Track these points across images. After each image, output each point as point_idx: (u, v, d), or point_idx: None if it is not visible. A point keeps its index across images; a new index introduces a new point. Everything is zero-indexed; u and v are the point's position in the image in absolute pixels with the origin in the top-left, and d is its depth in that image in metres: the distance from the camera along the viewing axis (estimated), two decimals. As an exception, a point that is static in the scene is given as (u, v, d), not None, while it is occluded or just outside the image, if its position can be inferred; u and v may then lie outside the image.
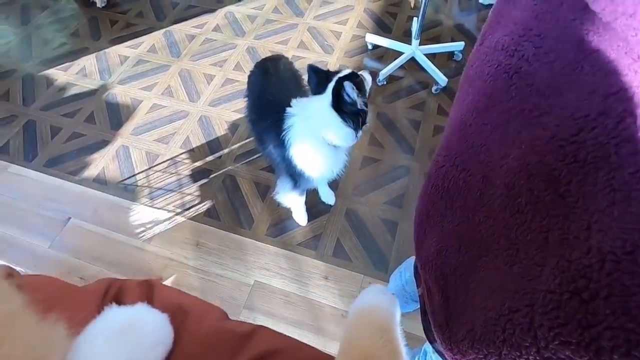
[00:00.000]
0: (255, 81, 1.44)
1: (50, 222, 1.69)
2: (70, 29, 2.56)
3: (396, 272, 1.14)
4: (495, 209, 0.36)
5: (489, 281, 0.36)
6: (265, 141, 1.35)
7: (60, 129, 2.02)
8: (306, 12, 2.58)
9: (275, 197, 1.61)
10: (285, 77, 1.42)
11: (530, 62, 0.35)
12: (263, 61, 1.51)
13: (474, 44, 1.80)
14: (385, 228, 1.63)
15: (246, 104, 1.50)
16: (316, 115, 1.18)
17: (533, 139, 0.32)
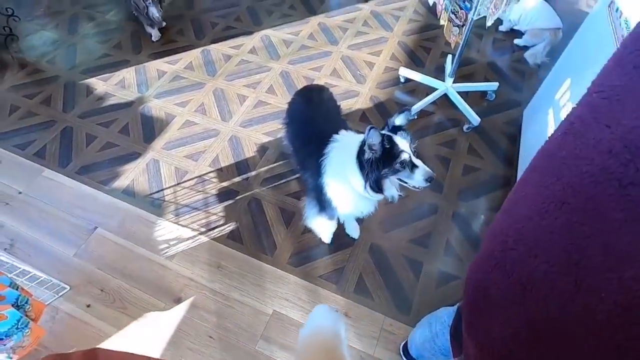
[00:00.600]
0: (299, 109, 1.48)
1: (77, 230, 1.71)
2: (113, 41, 2.66)
3: (424, 322, 1.10)
4: (599, 323, 0.34)
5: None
6: (305, 166, 1.39)
7: (95, 137, 2.08)
8: (340, 41, 2.63)
9: (304, 222, 1.62)
10: (329, 107, 1.47)
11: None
12: (306, 90, 1.56)
13: (507, 85, 1.83)
14: (409, 267, 1.60)
15: (286, 129, 1.54)
16: (349, 152, 1.19)
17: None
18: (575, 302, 0.37)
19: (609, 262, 0.34)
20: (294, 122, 1.50)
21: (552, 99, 1.64)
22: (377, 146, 1.08)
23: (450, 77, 2.10)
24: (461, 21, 1.54)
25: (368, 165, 1.12)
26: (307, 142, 1.37)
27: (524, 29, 2.49)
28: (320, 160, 1.25)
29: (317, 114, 1.43)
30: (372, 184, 1.15)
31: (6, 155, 2.00)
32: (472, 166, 1.94)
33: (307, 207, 1.51)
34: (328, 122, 1.40)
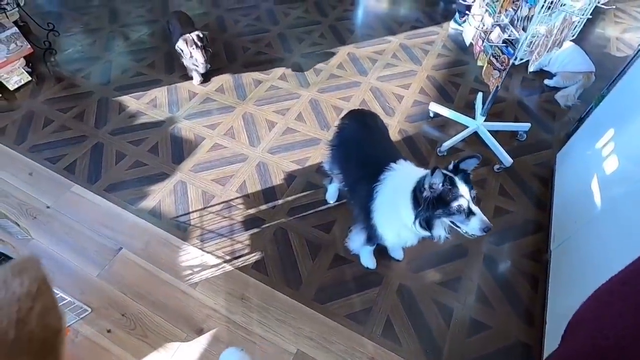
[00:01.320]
0: (353, 131, 1.49)
1: (102, 249, 1.70)
2: (147, 60, 2.73)
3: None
4: None
5: None
6: (356, 189, 1.39)
7: (124, 155, 2.10)
8: (370, 72, 2.65)
9: (346, 244, 1.64)
10: (383, 134, 1.50)
11: None
12: (359, 114, 1.59)
13: (538, 125, 1.80)
14: (439, 312, 1.54)
15: (334, 151, 1.56)
16: (405, 183, 1.17)
17: None
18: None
19: None
20: (346, 144, 1.51)
21: (591, 146, 1.60)
22: (438, 186, 1.06)
23: (482, 116, 2.08)
24: (503, 65, 1.54)
25: (424, 202, 1.10)
26: (361, 166, 1.38)
27: (555, 71, 2.49)
28: (374, 186, 1.26)
29: (372, 138, 1.45)
30: (423, 221, 1.14)
31: (37, 167, 2.02)
32: (503, 208, 1.90)
33: (353, 233, 1.53)
34: (383, 148, 1.42)
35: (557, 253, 1.59)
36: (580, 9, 1.41)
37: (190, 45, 2.27)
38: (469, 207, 1.08)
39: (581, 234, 1.43)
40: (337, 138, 1.58)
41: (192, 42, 2.26)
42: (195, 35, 2.28)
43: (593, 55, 2.41)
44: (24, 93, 2.47)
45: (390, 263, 1.68)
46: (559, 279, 1.50)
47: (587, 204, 1.46)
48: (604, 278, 1.14)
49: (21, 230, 1.15)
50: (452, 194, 1.07)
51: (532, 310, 1.56)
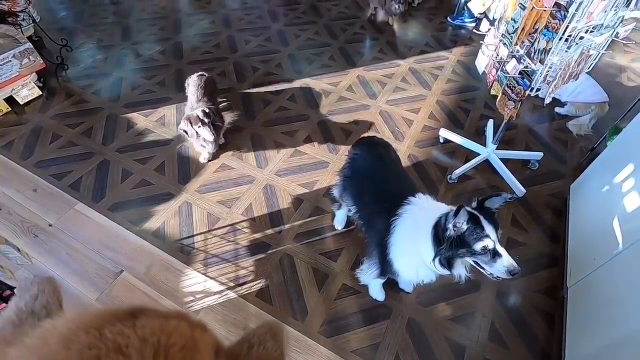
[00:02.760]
0: (366, 164, 1.47)
1: (103, 272, 1.65)
2: (158, 78, 2.75)
3: None
4: None
5: None
6: (372, 223, 1.35)
7: (131, 174, 2.07)
8: (379, 96, 2.65)
9: (357, 275, 1.58)
10: (398, 165, 1.48)
11: None
12: (372, 144, 1.56)
13: (551, 155, 1.73)
14: (452, 351, 1.47)
15: (346, 182, 1.53)
16: (425, 219, 1.12)
17: None
18: None
19: None
20: (359, 175, 1.47)
21: (609, 181, 1.56)
22: (462, 225, 1.02)
23: (494, 144, 2.05)
24: (518, 97, 1.52)
25: (447, 242, 1.05)
26: (377, 200, 1.34)
27: (565, 100, 2.47)
28: (391, 221, 1.21)
29: (387, 170, 1.42)
30: (444, 260, 1.08)
31: (42, 184, 2.00)
32: (516, 240, 1.84)
33: (366, 266, 1.47)
34: (400, 180, 1.39)
35: (574, 291, 1.52)
36: (599, 44, 1.39)
37: (196, 124, 1.91)
38: (495, 248, 1.03)
39: (601, 273, 1.37)
40: (350, 169, 1.54)
41: (197, 120, 1.91)
42: (200, 111, 1.93)
43: (604, 84, 2.39)
44: (33, 107, 2.47)
45: (399, 296, 1.62)
46: (578, 319, 1.43)
47: (607, 241, 1.40)
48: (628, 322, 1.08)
49: (21, 256, 1.11)
50: (477, 234, 1.02)
51: (549, 351, 1.48)
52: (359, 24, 3.46)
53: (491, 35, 1.68)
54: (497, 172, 2.08)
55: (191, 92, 2.14)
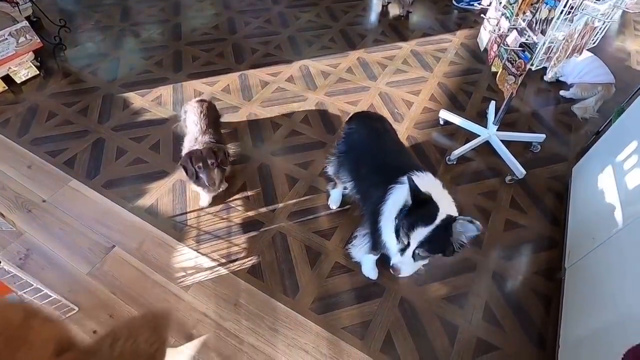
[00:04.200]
0: (362, 138, 1.44)
1: (95, 246, 1.65)
2: (155, 58, 2.72)
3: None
4: None
5: None
6: (369, 195, 1.32)
7: (125, 151, 2.06)
8: (379, 77, 2.60)
9: (348, 249, 1.57)
10: (395, 138, 1.45)
11: None
12: (365, 118, 1.53)
13: (553, 137, 1.67)
14: (444, 329, 1.44)
15: (342, 158, 1.50)
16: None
17: None
18: None
19: None
20: (355, 149, 1.44)
21: (611, 160, 1.51)
22: (409, 199, 1.01)
23: (495, 125, 2.00)
24: (518, 70, 1.47)
25: (400, 213, 1.05)
26: (375, 172, 1.31)
27: (571, 82, 2.40)
28: (388, 188, 1.19)
29: (385, 143, 1.40)
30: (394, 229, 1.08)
31: (37, 160, 1.99)
32: (514, 222, 1.80)
33: (357, 239, 1.46)
34: (398, 153, 1.38)
35: (571, 272, 1.48)
36: (603, 14, 1.33)
37: (197, 163, 1.58)
38: (406, 249, 1.02)
39: (599, 252, 1.33)
40: (345, 144, 1.51)
41: (200, 159, 1.58)
42: (207, 149, 1.60)
43: (612, 68, 2.32)
44: (30, 86, 2.46)
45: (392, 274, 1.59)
46: (574, 300, 1.39)
47: (606, 220, 1.36)
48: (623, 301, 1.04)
49: (6, 222, 1.10)
50: (405, 231, 1.01)
51: (545, 333, 1.45)
52: (360, 6, 3.39)
53: (492, 9, 1.62)
54: (497, 154, 2.03)
55: (191, 120, 1.78)
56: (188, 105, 1.87)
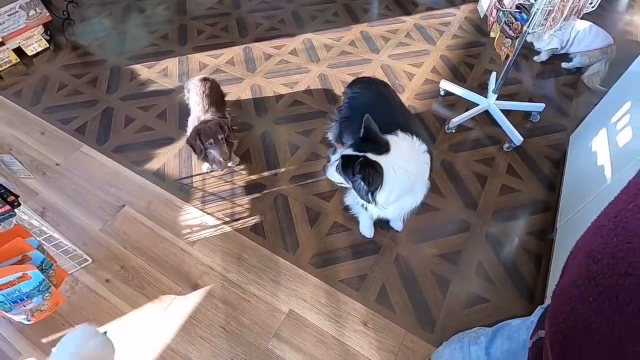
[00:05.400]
0: (366, 101, 1.48)
1: (106, 206, 1.73)
2: (161, 32, 2.76)
3: (455, 341, 1.02)
4: None
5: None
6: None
7: (133, 119, 2.13)
8: (382, 50, 2.61)
9: (344, 199, 1.63)
10: (398, 101, 1.50)
11: None
12: (368, 83, 1.57)
13: (553, 108, 1.73)
14: (436, 284, 1.51)
15: (346, 122, 1.54)
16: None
17: None
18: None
19: None
20: (360, 112, 1.39)
21: (606, 121, 1.54)
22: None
23: (494, 94, 2.02)
24: (515, 33, 1.49)
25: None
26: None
27: (575, 52, 2.39)
28: None
29: (390, 104, 1.44)
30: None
31: (50, 127, 2.08)
32: (510, 187, 1.84)
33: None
34: (402, 113, 1.42)
35: (562, 230, 1.53)
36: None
37: (207, 139, 1.58)
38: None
39: (589, 209, 1.38)
40: (348, 108, 1.54)
41: (209, 135, 1.57)
42: (214, 123, 1.59)
43: (619, 42, 2.31)
44: (41, 59, 2.53)
45: (389, 234, 1.66)
46: (563, 256, 1.44)
47: (597, 178, 1.40)
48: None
49: (24, 169, 1.18)
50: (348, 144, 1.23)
51: (534, 288, 1.51)
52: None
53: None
54: (496, 123, 2.06)
55: (194, 100, 1.77)
56: (191, 84, 1.84)
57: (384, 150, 1.12)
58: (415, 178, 1.17)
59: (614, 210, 0.45)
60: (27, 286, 1.13)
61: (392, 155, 1.11)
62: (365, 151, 1.12)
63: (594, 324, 0.40)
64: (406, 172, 1.13)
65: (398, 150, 1.13)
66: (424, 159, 1.21)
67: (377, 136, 1.13)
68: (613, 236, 0.42)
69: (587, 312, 0.41)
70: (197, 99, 1.76)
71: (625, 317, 0.37)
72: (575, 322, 0.43)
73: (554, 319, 0.47)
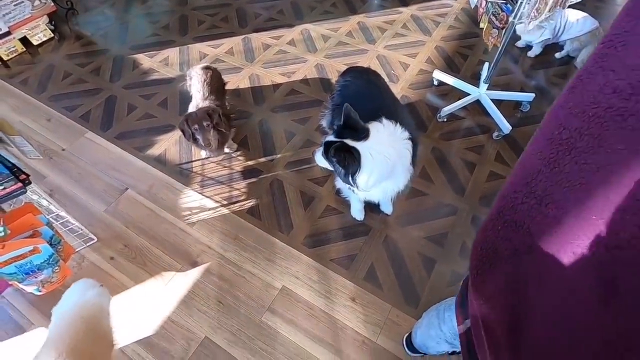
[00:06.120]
0: (357, 89, 1.54)
1: (110, 189, 1.82)
2: (162, 22, 2.82)
3: (433, 309, 1.10)
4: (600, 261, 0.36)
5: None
6: None
7: (135, 107, 2.21)
8: (378, 41, 2.66)
9: (335, 183, 1.70)
10: (389, 91, 1.57)
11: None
12: (360, 72, 1.64)
13: (544, 98, 1.82)
14: (422, 264, 1.59)
15: (338, 110, 1.54)
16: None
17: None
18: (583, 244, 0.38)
19: (604, 191, 0.36)
20: (351, 100, 1.43)
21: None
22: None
23: (485, 83, 2.08)
24: (501, 23, 1.54)
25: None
26: (369, 119, 1.35)
27: (566, 39, 2.42)
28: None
29: (380, 93, 1.51)
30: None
31: (55, 114, 2.16)
32: (498, 173, 1.91)
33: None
34: (392, 105, 1.47)
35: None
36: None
37: (193, 125, 1.63)
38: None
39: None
40: (340, 96, 1.60)
41: (196, 120, 1.62)
42: (202, 110, 1.65)
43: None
44: (46, 48, 2.60)
45: (379, 217, 1.73)
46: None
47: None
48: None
49: (34, 149, 1.26)
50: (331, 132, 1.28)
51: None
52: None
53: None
54: (487, 113, 2.12)
55: (195, 87, 1.83)
56: (193, 72, 1.90)
57: (363, 137, 1.18)
58: (394, 163, 1.24)
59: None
60: (38, 259, 1.22)
61: (370, 141, 1.18)
62: (344, 137, 1.19)
63: (501, 246, 0.50)
64: (384, 157, 1.20)
65: (377, 136, 1.20)
66: (404, 145, 1.27)
67: (357, 123, 1.19)
68: (514, 178, 0.52)
69: (496, 238, 0.51)
70: (198, 87, 1.82)
71: (520, 238, 0.47)
72: (488, 247, 0.53)
73: (474, 248, 0.58)
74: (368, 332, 1.41)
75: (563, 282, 0.42)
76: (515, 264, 0.49)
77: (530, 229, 0.47)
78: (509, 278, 0.50)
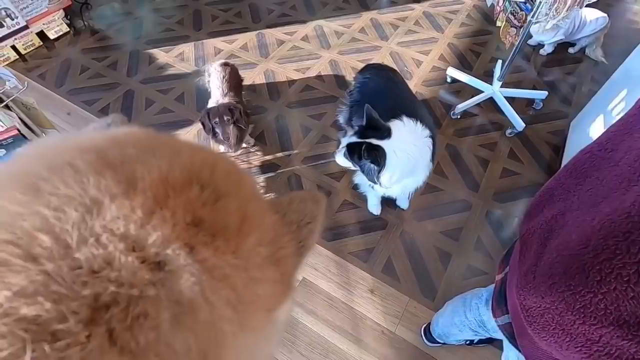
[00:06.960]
0: (377, 87, 1.58)
1: (131, 182, 1.86)
2: (176, 17, 2.84)
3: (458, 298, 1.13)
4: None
5: None
6: None
7: (153, 102, 2.24)
8: (391, 37, 2.68)
9: (353, 179, 1.71)
10: (407, 89, 1.60)
11: None
12: (380, 69, 1.67)
13: (557, 96, 1.86)
14: (439, 257, 1.63)
15: (357, 106, 1.60)
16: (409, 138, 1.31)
17: None
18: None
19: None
20: (371, 97, 1.52)
21: (604, 108, 1.63)
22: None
23: (499, 81, 2.10)
24: (520, 22, 1.56)
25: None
26: (387, 117, 1.37)
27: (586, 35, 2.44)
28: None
29: (400, 90, 1.54)
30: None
31: (74, 108, 2.19)
32: (511, 170, 1.94)
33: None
34: (410, 102, 1.49)
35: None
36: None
37: (214, 118, 1.66)
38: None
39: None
40: (359, 93, 1.63)
41: (217, 114, 1.65)
42: (224, 105, 1.68)
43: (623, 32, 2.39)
44: (62, 42, 2.63)
45: (395, 212, 1.77)
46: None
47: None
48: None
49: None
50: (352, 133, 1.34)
51: (529, 262, 1.62)
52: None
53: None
54: (500, 110, 2.14)
55: (214, 84, 1.86)
56: (212, 68, 1.92)
57: (386, 136, 1.22)
58: (416, 160, 1.27)
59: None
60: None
61: (393, 140, 1.22)
62: (368, 137, 1.22)
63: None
64: (407, 154, 1.23)
65: (400, 134, 1.23)
66: (425, 143, 1.30)
67: (379, 123, 1.22)
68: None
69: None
70: (217, 83, 1.84)
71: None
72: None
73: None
74: (387, 323, 1.45)
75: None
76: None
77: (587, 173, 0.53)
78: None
